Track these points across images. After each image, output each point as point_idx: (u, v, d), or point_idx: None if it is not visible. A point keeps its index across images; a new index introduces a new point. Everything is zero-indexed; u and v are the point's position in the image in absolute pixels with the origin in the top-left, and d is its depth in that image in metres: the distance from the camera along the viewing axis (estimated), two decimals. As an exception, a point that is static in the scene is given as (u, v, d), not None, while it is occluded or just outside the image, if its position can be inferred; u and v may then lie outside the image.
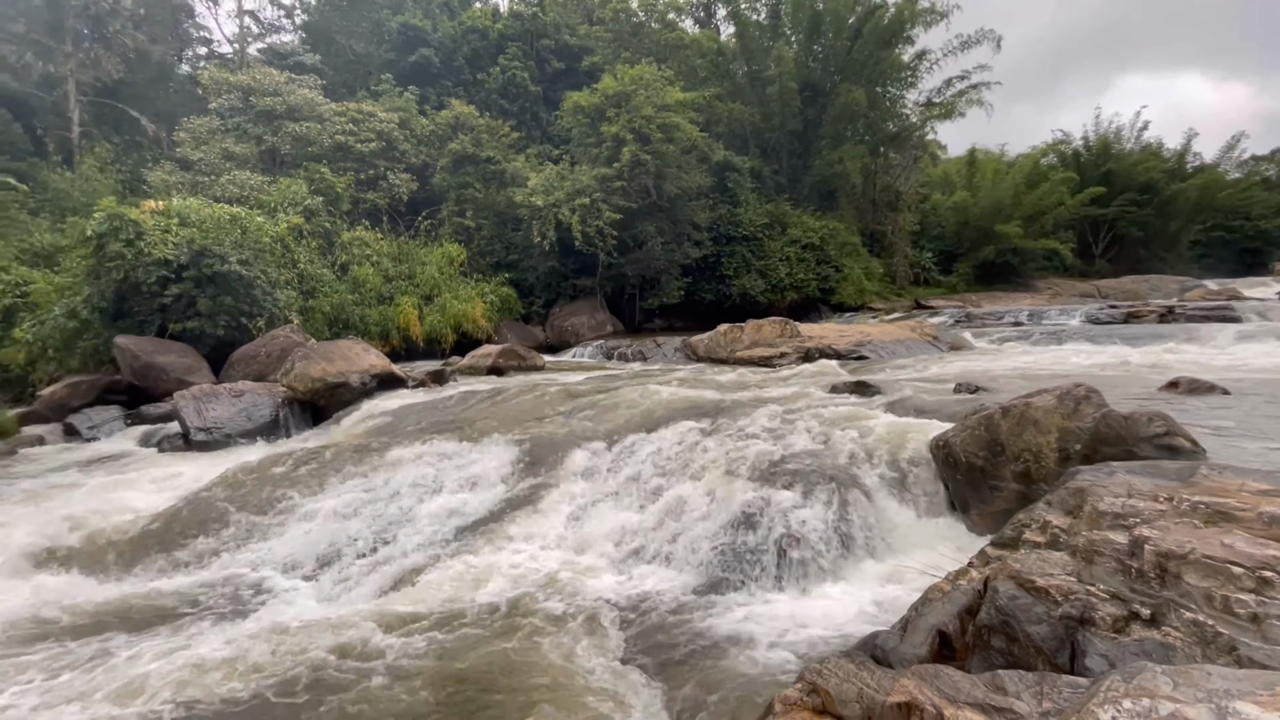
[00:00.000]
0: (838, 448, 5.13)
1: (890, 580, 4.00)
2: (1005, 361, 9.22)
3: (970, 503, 4.45)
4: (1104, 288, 24.89)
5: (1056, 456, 4.05)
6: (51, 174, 18.60)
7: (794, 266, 20.88)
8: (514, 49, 26.01)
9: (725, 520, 4.45)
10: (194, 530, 5.30)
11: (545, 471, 5.89)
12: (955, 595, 2.70)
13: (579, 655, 3.38)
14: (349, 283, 15.83)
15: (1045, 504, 3.04)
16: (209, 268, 11.56)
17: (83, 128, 21.68)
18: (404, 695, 3.13)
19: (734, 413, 6.23)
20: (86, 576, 4.79)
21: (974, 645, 2.51)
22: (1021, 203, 27.05)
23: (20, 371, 12.27)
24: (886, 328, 13.15)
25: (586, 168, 18.47)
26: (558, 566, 4.47)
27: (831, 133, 23.12)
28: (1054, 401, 4.17)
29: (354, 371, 9.46)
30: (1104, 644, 2.18)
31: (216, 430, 8.30)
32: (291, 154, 19.38)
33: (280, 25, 32.08)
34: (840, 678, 2.16)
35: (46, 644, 3.77)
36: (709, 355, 12.22)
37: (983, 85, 24.42)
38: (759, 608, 3.79)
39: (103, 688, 3.21)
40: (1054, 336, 11.70)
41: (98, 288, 11.50)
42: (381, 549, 4.94)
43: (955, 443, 4.51)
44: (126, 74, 23.45)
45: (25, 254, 14.40)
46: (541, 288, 19.78)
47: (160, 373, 10.50)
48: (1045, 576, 2.45)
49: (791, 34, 23.87)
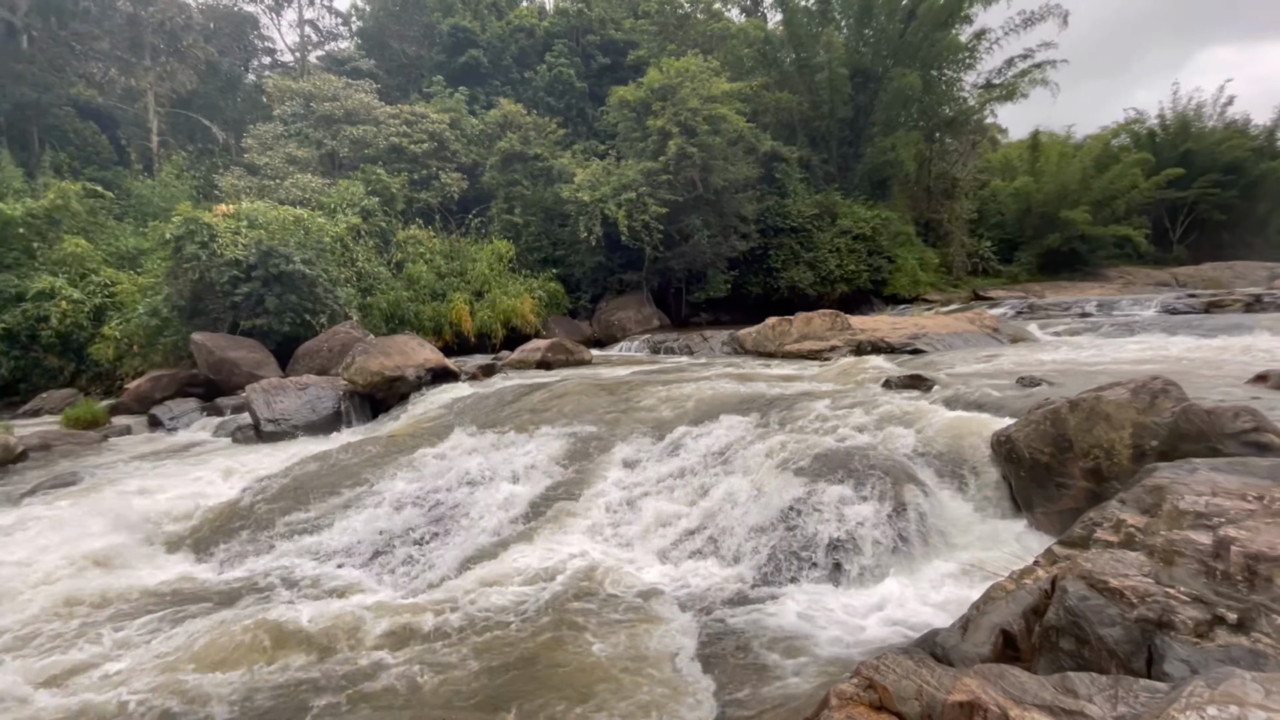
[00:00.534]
0: (892, 442, 5.01)
1: (947, 577, 3.89)
2: (1072, 354, 8.77)
3: (1034, 500, 4.28)
4: (1182, 276, 23.31)
5: (1130, 453, 3.84)
6: (134, 181, 19.91)
7: (844, 258, 20.40)
8: (560, 46, 26.24)
9: (776, 514, 4.41)
10: (264, 517, 5.61)
11: (593, 463, 5.96)
12: (1020, 594, 2.61)
13: (631, 644, 3.43)
14: (404, 280, 16.37)
15: (1119, 502, 2.89)
16: (275, 267, 12.16)
17: (161, 137, 23.11)
18: (461, 678, 3.24)
19: (784, 407, 6.15)
20: (170, 555, 5.14)
21: (1040, 646, 2.42)
22: (1090, 187, 25.57)
23: (109, 366, 13.24)
24: (943, 320, 12.70)
25: (632, 162, 18.50)
26: (606, 557, 4.53)
27: (884, 119, 22.42)
28: (1128, 395, 3.96)
29: (410, 366, 9.79)
30: (1185, 649, 2.07)
31: (284, 422, 8.74)
32: (349, 156, 20.14)
33: (338, 33, 33.35)
34: (899, 674, 2.12)
35: (146, 612, 4.08)
36: (756, 349, 12.09)
37: (1047, 64, 23.21)
38: (811, 602, 3.75)
39: (184, 649, 3.45)
40: (1126, 328, 11.05)
41: (176, 287, 12.27)
42: (436, 537, 5.12)
43: (1019, 438, 4.34)
44: (199, 85, 24.85)
45: (113, 257, 15.48)
46: (588, 282, 19.95)
47: (233, 367, 11.12)
48: (1119, 577, 2.33)
49: (841, 18, 23.25)
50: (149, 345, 12.68)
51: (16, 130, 20.85)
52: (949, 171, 25.47)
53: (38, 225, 14.50)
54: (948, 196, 25.20)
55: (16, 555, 4.90)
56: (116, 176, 20.39)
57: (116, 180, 19.92)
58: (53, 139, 21.08)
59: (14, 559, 4.83)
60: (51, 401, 12.24)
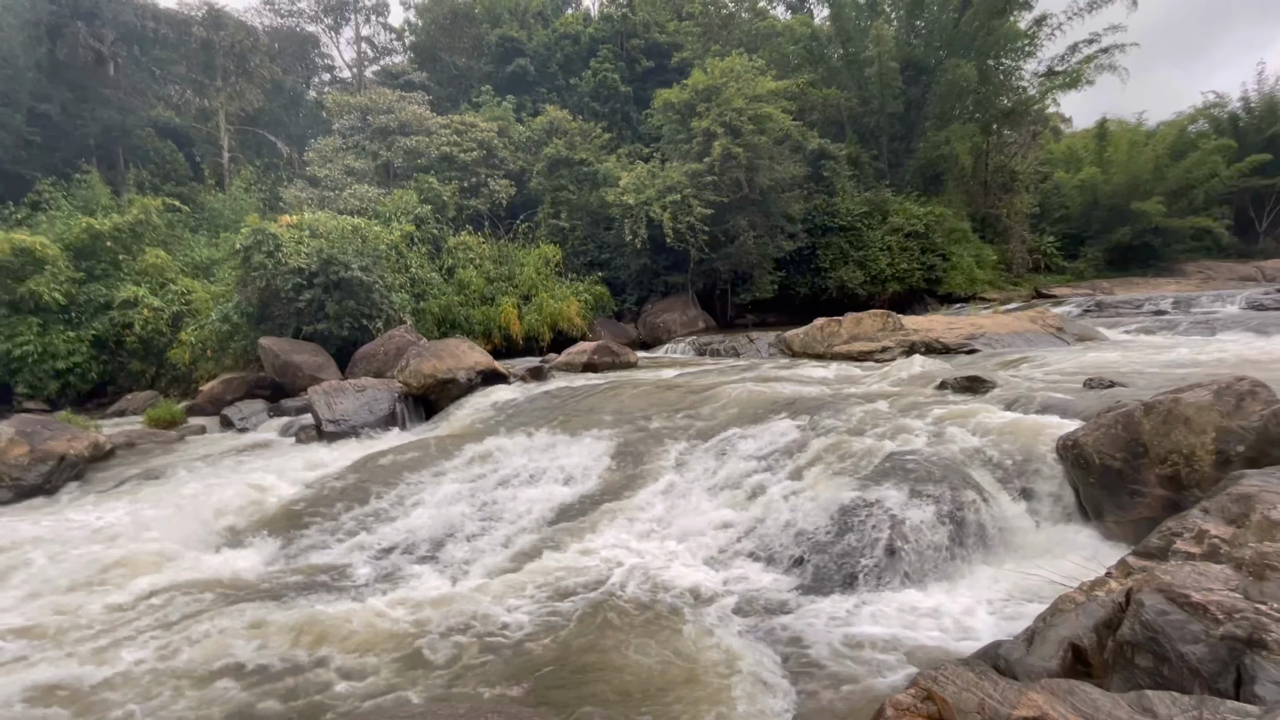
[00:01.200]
0: (949, 446, 4.83)
1: (1009, 587, 3.72)
2: (1145, 355, 8.27)
3: (1104, 508, 4.05)
4: (1270, 270, 21.69)
5: (1213, 459, 3.60)
6: (207, 195, 21.17)
7: (896, 256, 19.83)
8: (605, 51, 26.50)
9: (827, 518, 4.32)
10: (326, 513, 5.86)
11: (641, 465, 5.98)
12: (1091, 607, 2.48)
13: (678, 646, 3.42)
14: (455, 285, 16.82)
15: (1201, 511, 2.71)
16: (335, 274, 12.70)
17: (231, 153, 24.47)
18: (509, 672, 3.30)
19: (834, 409, 6.03)
20: (243, 549, 5.42)
21: (1114, 662, 2.29)
22: (1164, 176, 24.10)
23: (185, 369, 14.10)
24: (1002, 319, 12.18)
25: (677, 164, 18.49)
26: (654, 558, 4.53)
27: (937, 112, 21.71)
28: (1210, 397, 3.71)
29: (461, 368, 10.05)
30: (1278, 670, 1.92)
31: (344, 422, 9.10)
32: (403, 166, 20.85)
33: (391, 48, 34.59)
34: (959, 686, 2.04)
35: (215, 601, 4.32)
36: (805, 350, 11.87)
37: (1115, 48, 22.02)
38: (864, 609, 3.66)
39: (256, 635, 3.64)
40: (1206, 326, 10.35)
41: (245, 295, 12.97)
42: (488, 534, 5.23)
43: (1087, 443, 4.12)
44: (265, 103, 26.22)
45: (188, 267, 16.49)
46: (634, 285, 20.04)
47: (296, 370, 11.66)
48: (1203, 591, 2.18)
49: (891, 10, 22.66)
50: (221, 350, 13.43)
51: (104, 150, 22.47)
52: (1008, 164, 24.43)
53: (123, 239, 15.58)
54: (1006, 190, 24.18)
55: (103, 545, 5.27)
56: (191, 191, 21.71)
57: (192, 195, 21.21)
58: (135, 158, 22.63)
59: (101, 548, 5.20)
60: (135, 403, 13.12)
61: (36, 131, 20.72)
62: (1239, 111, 29.14)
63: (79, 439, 8.05)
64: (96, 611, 4.21)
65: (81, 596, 4.44)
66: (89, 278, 14.96)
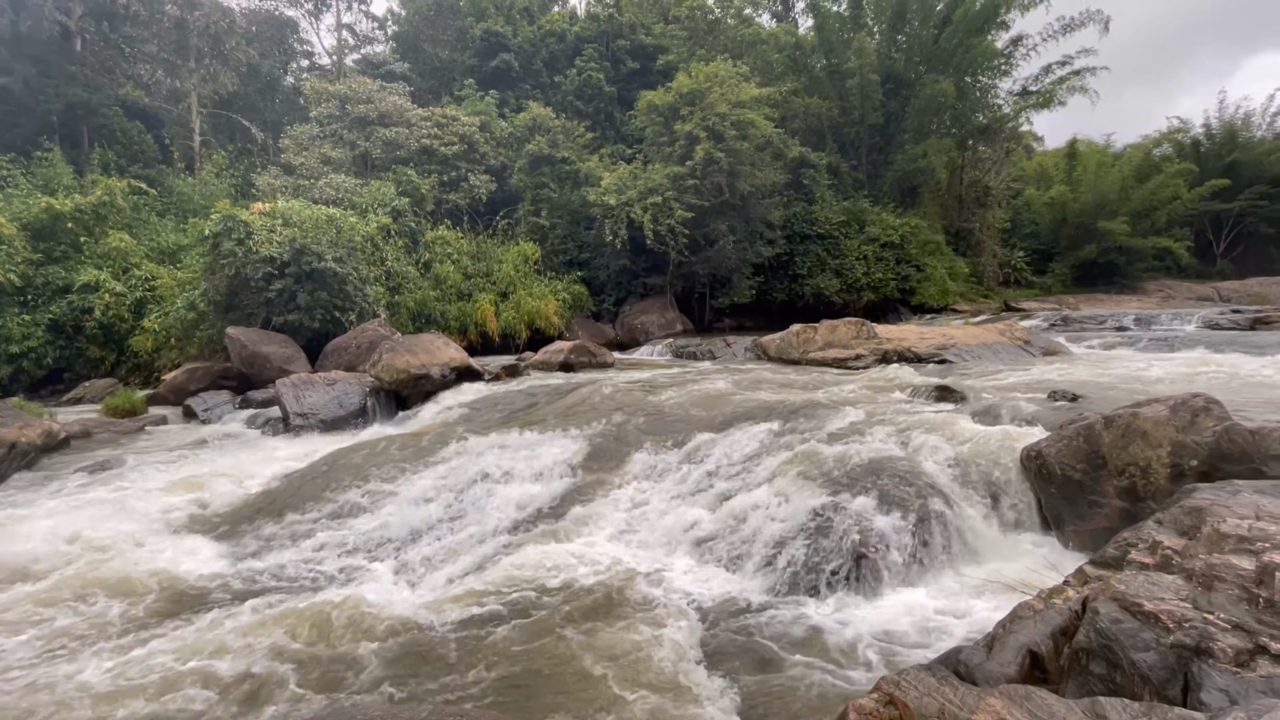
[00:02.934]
0: (918, 454, 4.92)
1: (972, 594, 3.80)
2: (1107, 369, 8.53)
3: (1064, 518, 4.16)
4: (1225, 290, 22.51)
5: (1168, 472, 3.72)
6: (176, 179, 20.54)
7: (871, 266, 20.14)
8: (590, 50, 26.43)
9: (797, 524, 4.36)
10: (289, 508, 5.72)
11: (613, 466, 5.97)
12: (1049, 614, 2.53)
13: (644, 650, 3.41)
14: (431, 280, 16.60)
15: (1155, 523, 2.80)
16: (308, 265, 12.42)
17: (202, 137, 23.81)
18: (471, 675, 3.26)
19: (807, 415, 6.09)
20: (204, 540, 5.27)
21: (1069, 669, 2.35)
22: (1129, 197, 24.88)
23: (148, 357, 13.66)
24: (972, 330, 12.45)
25: (659, 166, 18.52)
26: (623, 561, 4.52)
27: (915, 126, 22.11)
28: (1166, 412, 3.83)
29: (435, 364, 9.92)
30: (1224, 678, 1.99)
31: (312, 416, 8.91)
32: (382, 158, 20.52)
33: (373, 37, 34.02)
34: (920, 691, 2.07)
35: (172, 599, 4.19)
36: (780, 356, 11.98)
37: (1087, 71, 22.70)
38: (830, 614, 3.70)
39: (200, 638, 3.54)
40: (1165, 343, 10.71)
41: (213, 283, 12.61)
42: (455, 534, 5.16)
43: (1050, 454, 4.23)
44: (239, 87, 25.56)
45: (154, 252, 15.97)
46: (612, 286, 20.01)
47: (265, 361, 11.38)
48: (1155, 601, 2.25)
49: (874, 24, 23.01)
50: (186, 338, 13.04)
51: (68, 129, 21.66)
52: (982, 180, 24.99)
53: (85, 220, 15.03)
54: (980, 205, 24.74)
55: (48, 535, 5.07)
56: (160, 174, 21.06)
57: (160, 178, 20.57)
58: (101, 138, 21.86)
59: (49, 538, 5.00)
60: (93, 390, 12.67)
61: (-4, 106, 19.91)
62: (1201, 137, 30.26)
63: (31, 426, 7.75)
64: (25, 607, 4.05)
65: (17, 588, 4.27)
66: (47, 259, 14.40)
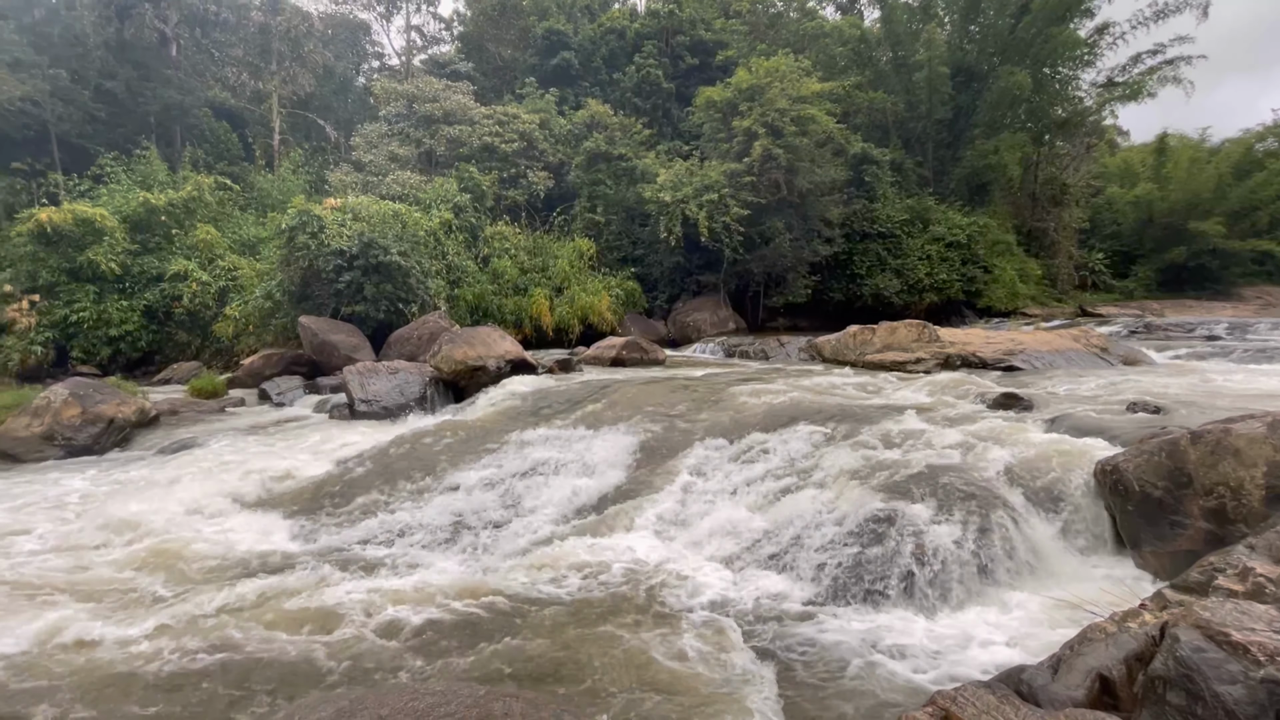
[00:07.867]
0: (981, 463, 4.72)
1: (1036, 612, 3.62)
2: (1195, 381, 7.93)
3: (1142, 538, 3.91)
4: (1337, 298, 20.57)
5: (1263, 494, 3.44)
6: (257, 175, 21.84)
7: (935, 266, 19.40)
8: (649, 47, 26.45)
9: (850, 530, 4.26)
10: (353, 491, 6.00)
11: (663, 463, 5.98)
12: (1122, 638, 2.39)
13: (690, 650, 3.40)
14: (489, 274, 17.05)
15: (1246, 548, 2.60)
16: (375, 258, 12.98)
17: (281, 135, 25.19)
18: (516, 657, 3.34)
19: (863, 418, 5.93)
20: (276, 518, 5.60)
21: (1144, 697, 2.21)
22: (1226, 196, 23.06)
23: (228, 343, 14.59)
24: (1044, 336, 11.81)
25: (716, 163, 18.38)
26: (671, 558, 4.53)
27: (987, 120, 21.14)
28: (1263, 429, 3.54)
29: (491, 356, 10.18)
30: (1323, 720, 1.83)
31: (375, 403, 9.30)
32: (445, 155, 21.18)
33: (440, 37, 35.13)
34: (978, 708, 2.00)
35: (250, 570, 4.48)
36: (835, 357, 11.70)
37: (1181, 60, 21.13)
38: (882, 625, 3.60)
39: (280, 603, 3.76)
40: (1264, 354, 9.88)
41: (288, 274, 13.34)
42: (508, 523, 5.29)
43: (1128, 469, 3.98)
44: (316, 87, 26.93)
45: (236, 244, 17.05)
46: (665, 283, 20.01)
47: (333, 349, 11.96)
48: (1244, 631, 2.09)
49: (945, 14, 22.11)
50: (262, 326, 13.86)
51: (163, 128, 23.34)
52: (1058, 177, 23.67)
53: (176, 214, 16.17)
54: (1056, 204, 23.44)
55: (142, 506, 5.50)
56: (243, 171, 22.42)
57: (242, 174, 21.90)
58: (192, 137, 23.46)
59: (140, 509, 5.43)
60: (179, 372, 13.64)
61: (102, 107, 21.64)
62: (1312, 131, 27.68)
63: (127, 404, 8.40)
64: (106, 572, 4.40)
65: (103, 554, 4.65)
66: (143, 250, 15.58)
